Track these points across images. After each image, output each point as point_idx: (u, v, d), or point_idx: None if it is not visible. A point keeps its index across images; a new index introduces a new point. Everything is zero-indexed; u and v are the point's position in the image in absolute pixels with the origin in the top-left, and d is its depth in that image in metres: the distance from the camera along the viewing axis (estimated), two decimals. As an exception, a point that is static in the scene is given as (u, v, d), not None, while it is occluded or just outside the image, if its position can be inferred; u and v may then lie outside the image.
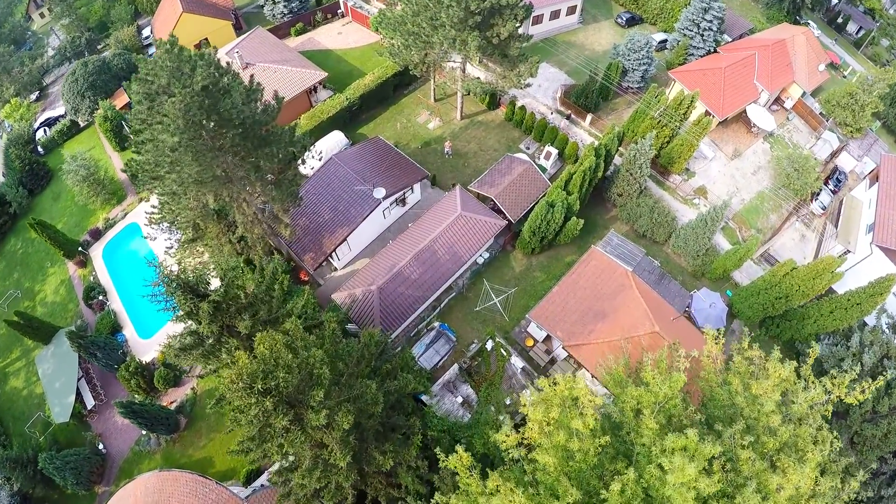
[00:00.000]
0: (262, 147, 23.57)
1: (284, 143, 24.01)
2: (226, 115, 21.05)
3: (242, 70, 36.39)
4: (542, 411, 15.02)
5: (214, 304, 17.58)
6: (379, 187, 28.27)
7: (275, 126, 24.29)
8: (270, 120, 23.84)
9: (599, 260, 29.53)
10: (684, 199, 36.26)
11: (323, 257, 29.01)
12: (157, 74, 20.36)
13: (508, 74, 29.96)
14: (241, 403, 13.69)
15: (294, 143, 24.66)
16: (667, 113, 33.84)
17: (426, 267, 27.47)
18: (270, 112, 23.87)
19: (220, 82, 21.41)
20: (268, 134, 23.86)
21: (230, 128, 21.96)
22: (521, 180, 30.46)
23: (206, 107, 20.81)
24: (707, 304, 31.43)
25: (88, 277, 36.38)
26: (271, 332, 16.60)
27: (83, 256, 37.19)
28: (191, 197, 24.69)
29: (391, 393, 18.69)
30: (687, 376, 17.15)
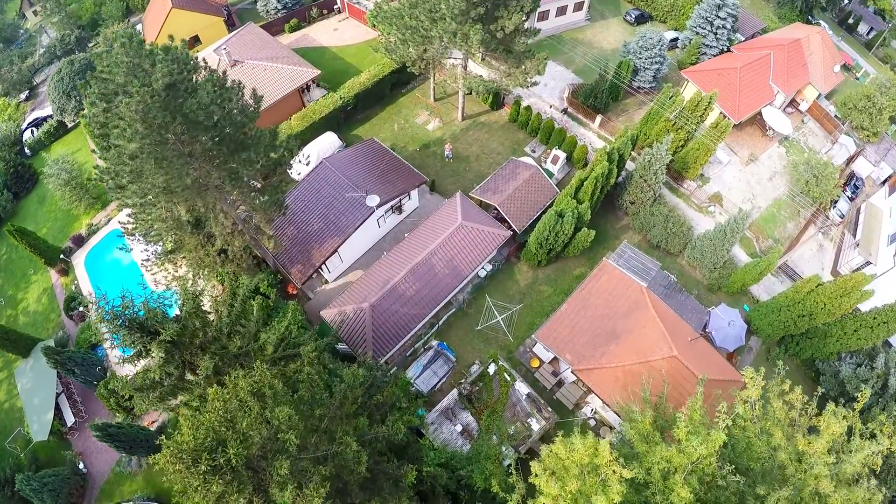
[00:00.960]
0: (240, 152, 20.17)
1: (264, 148, 20.59)
2: (192, 118, 17.66)
3: (231, 68, 32.94)
4: (557, 487, 11.68)
5: (169, 342, 14.26)
6: (372, 195, 24.87)
7: (254, 128, 20.87)
8: (249, 122, 20.42)
9: (612, 275, 26.13)
10: (699, 207, 32.78)
11: (311, 270, 25.65)
12: (114, 72, 16.97)
13: (514, 72, 26.47)
14: (182, 486, 10.43)
15: (275, 147, 21.23)
16: (683, 115, 30.34)
17: (423, 282, 24.11)
18: (249, 113, 20.43)
19: (186, 79, 18.01)
20: (246, 137, 20.45)
21: (200, 131, 18.60)
22: (526, 187, 27.03)
23: (170, 108, 17.46)
24: (726, 321, 28.07)
25: (70, 286, 33.14)
26: (232, 381, 13.29)
27: (65, 264, 33.93)
28: (161, 208, 21.37)
29: (378, 440, 15.40)
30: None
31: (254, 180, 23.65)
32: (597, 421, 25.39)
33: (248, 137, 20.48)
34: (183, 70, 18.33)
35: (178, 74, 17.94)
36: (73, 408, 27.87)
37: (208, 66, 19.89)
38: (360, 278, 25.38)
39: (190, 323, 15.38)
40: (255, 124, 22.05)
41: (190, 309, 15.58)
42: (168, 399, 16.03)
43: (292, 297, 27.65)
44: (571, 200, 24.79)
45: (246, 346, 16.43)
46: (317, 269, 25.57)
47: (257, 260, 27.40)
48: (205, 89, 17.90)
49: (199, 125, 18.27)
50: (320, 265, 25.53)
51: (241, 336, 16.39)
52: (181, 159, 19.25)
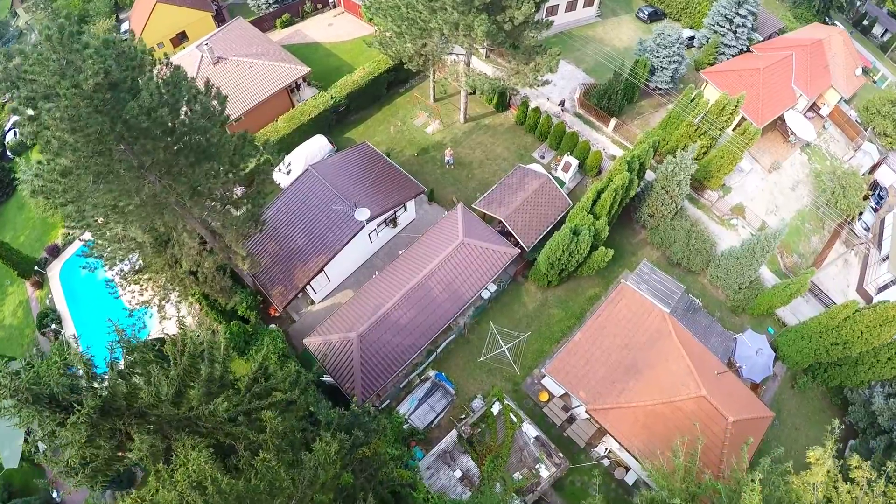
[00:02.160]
0: (202, 163, 16.24)
1: (230, 157, 16.65)
2: (134, 124, 13.74)
3: (213, 65, 28.92)
4: None
5: (91, 415, 10.40)
6: (363, 208, 20.92)
7: (219, 134, 16.90)
8: (214, 127, 16.46)
9: (631, 299, 22.24)
10: (720, 220, 28.80)
11: (294, 292, 21.79)
12: (39, 71, 13.03)
13: (522, 69, 22.40)
14: None
15: (246, 155, 17.27)
16: (707, 119, 26.31)
17: (419, 308, 20.24)
18: (212, 116, 16.47)
19: (130, 78, 14.05)
20: (209, 146, 16.51)
21: (150, 140, 14.69)
22: (536, 198, 23.07)
23: (110, 113, 13.56)
24: (753, 349, 24.22)
25: (45, 300, 29.34)
26: (167, 472, 9.46)
27: (40, 276, 30.09)
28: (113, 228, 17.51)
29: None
30: None
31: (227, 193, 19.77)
32: (611, 461, 21.61)
33: (211, 145, 16.53)
34: (128, 67, 14.40)
35: (121, 72, 14.01)
36: (44, 434, 24.38)
37: (169, 62, 15.95)
38: (347, 302, 21.49)
39: (121, 388, 11.52)
40: (228, 129, 18.22)
41: (119, 372, 11.70)
42: (104, 474, 12.25)
43: (274, 320, 23.82)
44: (587, 215, 20.84)
45: (199, 408, 12.55)
46: (300, 290, 21.69)
47: (235, 278, 23.51)
48: (148, 90, 13.87)
49: (146, 133, 14.36)
50: (304, 286, 21.66)
51: (189, 399, 12.49)
52: (131, 173, 15.37)
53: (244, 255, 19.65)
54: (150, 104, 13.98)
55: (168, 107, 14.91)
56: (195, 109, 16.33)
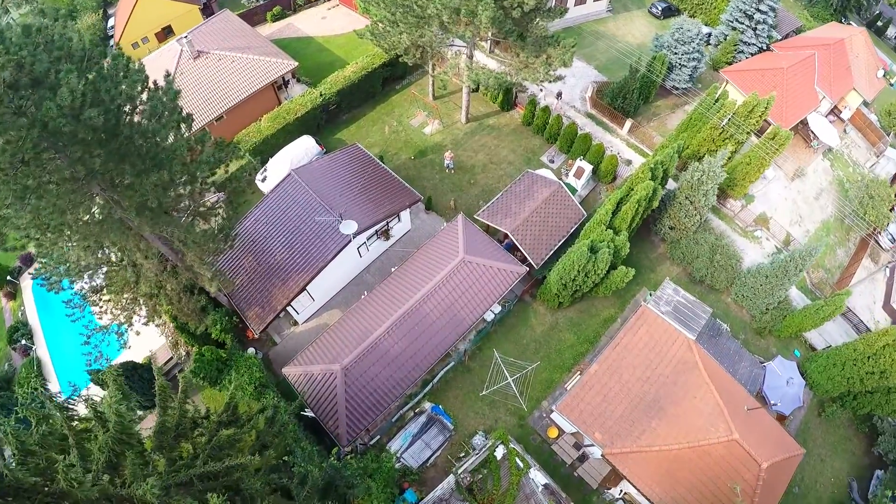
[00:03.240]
0: (149, 173, 12.89)
1: (183, 166, 13.29)
2: (54, 128, 10.43)
3: (193, 59, 25.49)
4: None
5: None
6: (349, 220, 17.51)
7: (176, 138, 13.54)
8: (161, 129, 13.09)
9: (652, 324, 18.96)
10: (744, 231, 25.46)
11: (272, 315, 18.47)
12: None
13: (532, 63, 18.99)
14: None
15: (203, 162, 13.90)
16: (734, 121, 22.92)
17: (413, 337, 16.94)
18: (161, 116, 13.10)
19: (54, 72, 10.73)
20: (159, 151, 13.14)
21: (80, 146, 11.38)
22: (546, 208, 19.72)
23: (27, 114, 10.30)
24: (783, 379, 21.01)
25: (17, 312, 26.02)
26: None
27: (12, 287, 26.76)
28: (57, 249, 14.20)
29: None
30: None
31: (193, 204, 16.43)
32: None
33: (161, 151, 13.16)
34: (54, 57, 11.07)
35: (47, 65, 10.68)
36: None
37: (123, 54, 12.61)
38: (332, 327, 18.14)
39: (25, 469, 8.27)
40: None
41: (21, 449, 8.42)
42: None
43: (254, 342, 20.53)
44: (606, 230, 17.49)
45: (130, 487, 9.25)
46: (278, 313, 18.38)
47: (208, 297, 20.18)
48: (69, 86, 10.47)
49: (74, 138, 11.05)
50: (283, 308, 18.35)
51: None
52: (65, 186, 12.08)
53: (209, 276, 16.31)
54: (71, 103, 10.61)
55: (101, 106, 11.57)
56: (142, 109, 13.00)
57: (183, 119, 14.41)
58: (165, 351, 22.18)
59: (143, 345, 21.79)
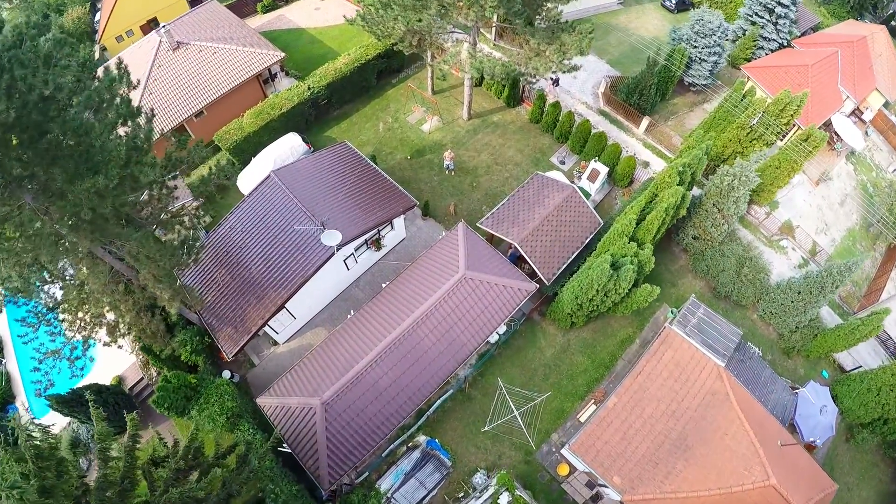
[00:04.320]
0: (82, 178, 10.00)
1: (120, 170, 10.38)
2: None
3: (173, 51, 22.56)
4: None
5: None
6: (333, 229, 14.60)
7: (111, 136, 10.64)
8: (97, 126, 10.18)
9: (678, 350, 16.11)
10: (769, 241, 22.56)
11: (246, 337, 15.58)
12: None
13: (544, 50, 16.02)
14: None
15: (144, 166, 10.96)
16: (765, 120, 20.00)
17: (405, 365, 14.08)
18: (98, 110, 10.20)
19: None
20: (92, 153, 10.24)
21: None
22: (559, 216, 16.80)
23: None
24: (817, 406, 18.17)
25: (-15, 323, 23.11)
26: None
27: (-22, 296, 23.82)
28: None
29: None
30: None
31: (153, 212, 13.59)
32: (649, 553, 15.58)
33: (95, 152, 10.25)
34: None
35: None
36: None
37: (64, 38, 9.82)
38: (313, 351, 15.26)
39: None
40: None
41: None
42: None
43: (230, 365, 17.68)
44: (629, 243, 14.59)
45: None
46: (252, 336, 15.51)
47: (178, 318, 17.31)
48: None
49: None
50: (258, 330, 15.47)
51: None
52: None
53: (168, 296, 13.44)
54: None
55: (19, 98, 8.70)
56: (74, 101, 10.11)
57: (130, 113, 11.54)
58: (136, 371, 19.33)
59: (113, 363, 19.03)
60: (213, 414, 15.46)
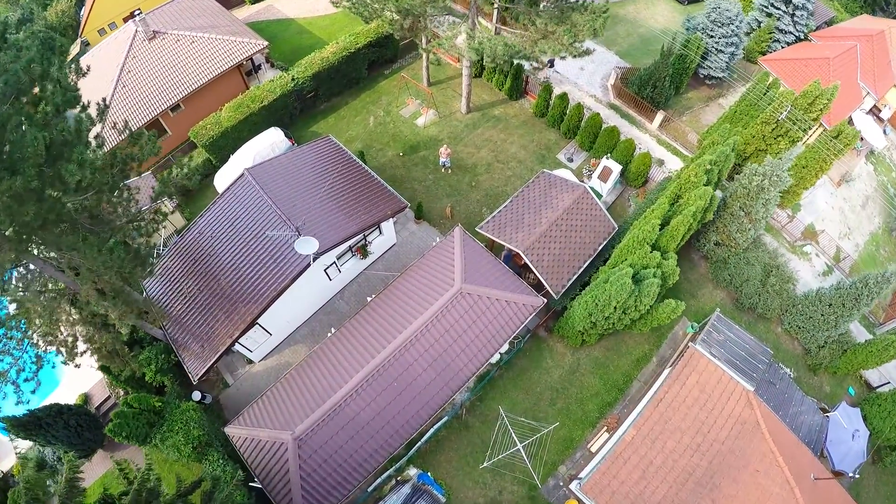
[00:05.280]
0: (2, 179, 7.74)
1: (38, 170, 8.06)
2: None
3: (149, 41, 20.22)
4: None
5: None
6: (308, 237, 12.25)
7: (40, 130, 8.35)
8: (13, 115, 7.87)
9: (703, 372, 13.79)
10: (792, 247, 20.22)
11: (213, 358, 13.24)
12: None
13: (553, 31, 13.62)
14: None
15: (69, 163, 8.68)
16: (793, 115, 17.61)
17: (391, 395, 11.76)
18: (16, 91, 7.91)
19: None
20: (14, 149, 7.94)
21: None
22: (569, 220, 14.44)
23: None
24: (849, 432, 15.89)
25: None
26: None
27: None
28: None
29: None
30: None
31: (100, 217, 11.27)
32: None
33: (15, 147, 7.91)
34: None
35: None
36: None
37: None
38: (288, 375, 12.93)
39: None
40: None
41: None
42: None
43: (201, 385, 15.34)
44: (652, 253, 12.25)
45: None
46: (219, 357, 13.17)
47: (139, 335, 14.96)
48: None
49: None
50: (227, 349, 13.13)
51: None
52: None
53: (117, 315, 11.12)
54: None
55: None
56: None
57: (66, 102, 9.20)
58: (103, 388, 17.07)
59: (80, 380, 16.76)
60: (178, 443, 13.23)
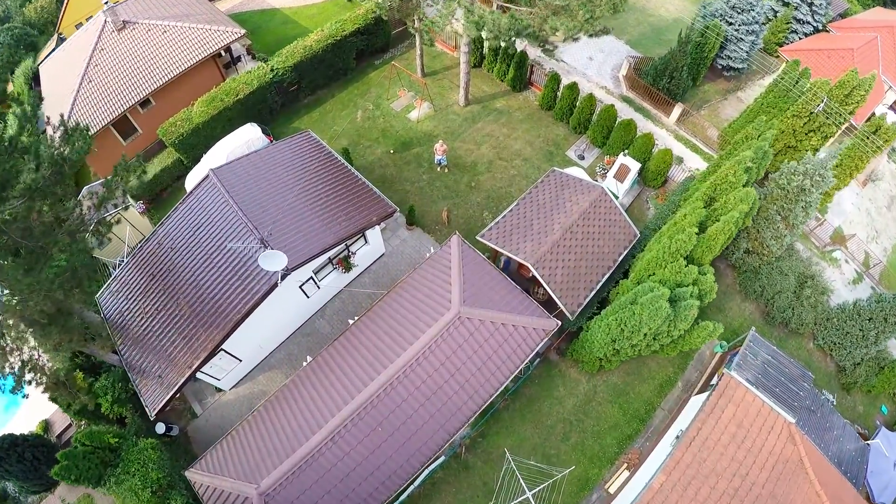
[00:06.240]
0: None
1: None
2: None
3: (118, 32, 17.85)
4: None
5: None
6: (275, 251, 9.91)
7: None
8: None
9: (740, 403, 11.43)
10: (821, 253, 17.96)
11: (170, 391, 10.91)
12: None
13: (566, 5, 11.25)
14: None
15: None
16: (829, 107, 15.33)
17: (378, 440, 9.47)
18: None
19: None
20: None
21: None
22: (586, 226, 12.12)
23: None
24: (891, 461, 13.72)
25: None
26: None
27: None
28: None
29: None
30: None
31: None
32: None
33: None
34: None
35: None
36: None
37: None
38: (256, 414, 10.63)
39: None
40: None
41: None
42: None
43: (167, 415, 13.03)
44: (689, 266, 9.97)
45: None
46: (178, 389, 10.85)
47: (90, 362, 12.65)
48: None
49: None
50: (186, 381, 10.82)
51: None
52: None
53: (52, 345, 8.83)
54: None
55: None
56: None
57: None
58: (64, 416, 14.82)
59: (41, 405, 14.52)
60: (135, 487, 10.97)
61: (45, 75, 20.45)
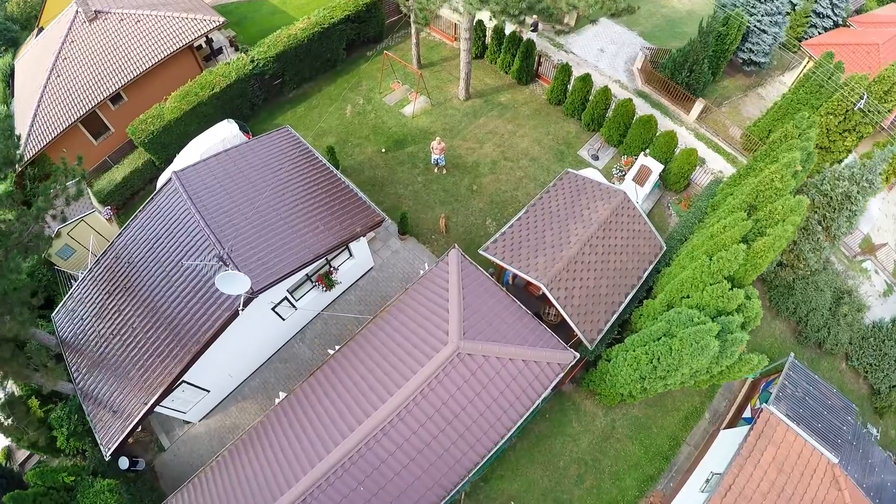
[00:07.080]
0: None
1: None
2: None
3: (89, 22, 15.83)
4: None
5: None
6: (233, 271, 8.05)
7: None
8: None
9: (781, 444, 9.60)
10: (850, 262, 16.13)
11: (125, 430, 9.08)
12: None
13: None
14: None
15: None
16: (869, 104, 13.46)
17: (364, 497, 7.66)
18: None
19: None
20: None
21: None
22: (606, 238, 10.25)
23: None
24: None
25: None
26: None
27: None
28: None
29: None
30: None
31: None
32: None
33: None
34: None
35: None
36: None
37: None
38: (220, 457, 8.80)
39: None
40: None
41: None
42: None
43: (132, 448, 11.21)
44: (733, 290, 8.15)
45: None
46: (135, 425, 9.01)
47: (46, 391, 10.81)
48: None
49: None
50: (143, 418, 8.99)
51: None
52: None
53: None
54: None
55: None
56: None
57: None
58: (22, 442, 12.97)
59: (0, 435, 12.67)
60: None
61: (19, 71, 18.56)
